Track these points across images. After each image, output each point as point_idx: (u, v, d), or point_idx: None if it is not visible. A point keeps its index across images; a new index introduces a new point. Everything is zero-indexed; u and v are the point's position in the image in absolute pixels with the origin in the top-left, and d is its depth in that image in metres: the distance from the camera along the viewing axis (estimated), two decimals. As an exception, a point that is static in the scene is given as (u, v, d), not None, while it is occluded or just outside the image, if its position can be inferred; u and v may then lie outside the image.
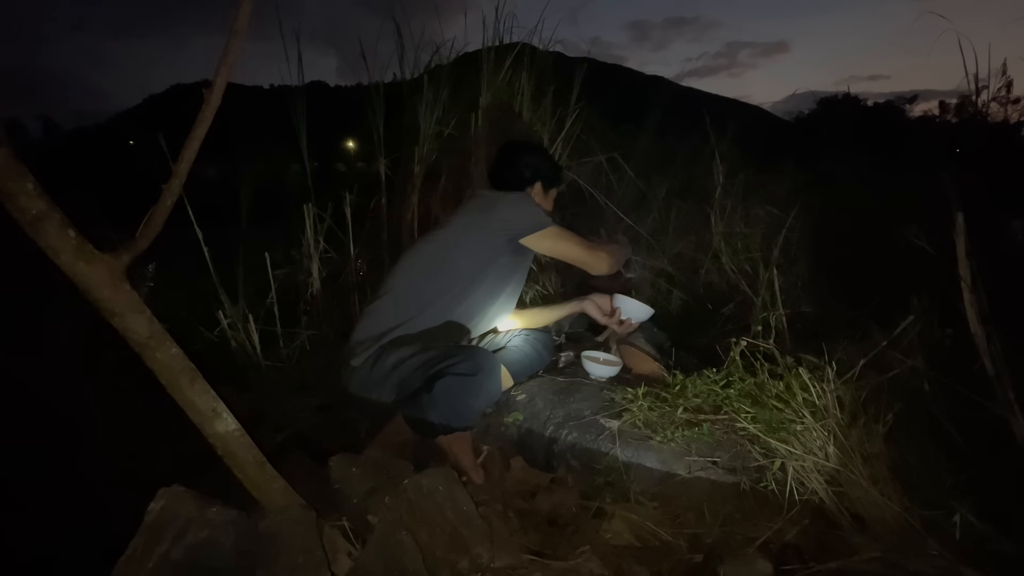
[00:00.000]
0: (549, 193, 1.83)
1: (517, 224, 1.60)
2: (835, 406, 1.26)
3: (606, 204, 2.84)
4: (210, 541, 0.94)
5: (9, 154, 0.75)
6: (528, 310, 1.86)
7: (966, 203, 1.33)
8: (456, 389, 1.37)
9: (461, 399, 1.37)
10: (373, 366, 1.50)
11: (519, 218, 1.60)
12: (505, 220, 1.59)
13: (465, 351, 1.43)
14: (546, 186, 1.80)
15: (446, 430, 1.40)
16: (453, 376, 1.37)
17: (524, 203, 1.63)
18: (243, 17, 0.89)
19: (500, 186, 1.77)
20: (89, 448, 1.54)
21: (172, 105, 37.09)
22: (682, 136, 3.43)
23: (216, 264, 2.14)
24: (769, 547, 1.14)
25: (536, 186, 1.78)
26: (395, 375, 1.47)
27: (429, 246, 1.64)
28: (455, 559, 1.05)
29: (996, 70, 2.25)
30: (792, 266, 2.51)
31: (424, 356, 1.45)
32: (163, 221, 0.92)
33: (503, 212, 1.60)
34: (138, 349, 0.91)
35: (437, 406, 1.37)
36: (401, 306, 1.57)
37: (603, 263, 1.67)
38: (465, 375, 1.37)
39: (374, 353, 1.51)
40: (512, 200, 1.63)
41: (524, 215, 1.61)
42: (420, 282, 1.58)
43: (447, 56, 2.89)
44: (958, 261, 1.32)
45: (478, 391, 1.39)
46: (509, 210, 1.61)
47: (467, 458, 1.47)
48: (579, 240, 1.65)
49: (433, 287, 1.57)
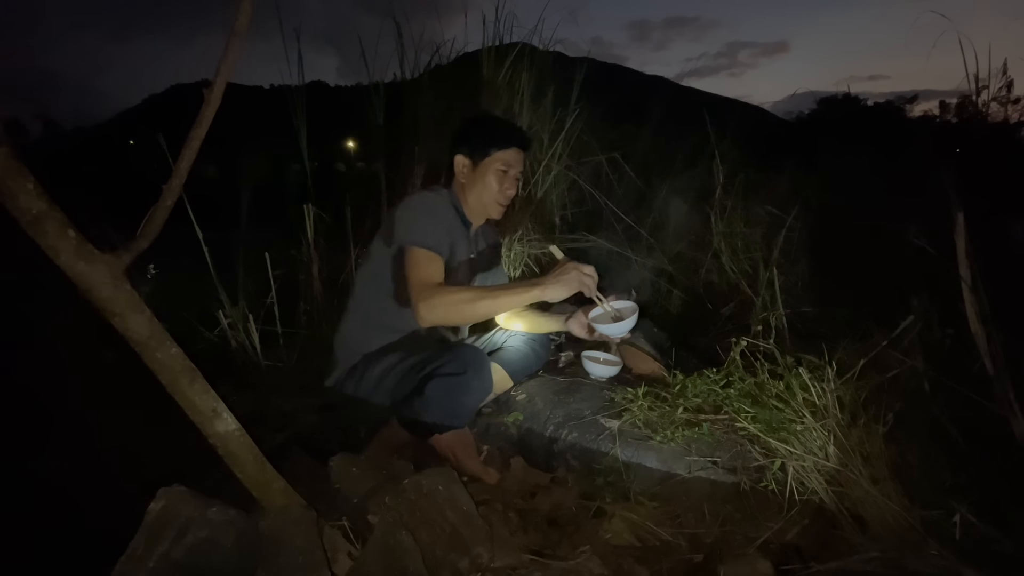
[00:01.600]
0: (481, 164, 1.54)
1: (392, 233, 1.48)
2: (835, 406, 1.26)
3: (606, 204, 2.85)
4: (210, 541, 0.94)
5: (9, 154, 0.75)
6: (529, 313, 1.81)
7: (966, 203, 1.33)
8: (446, 389, 1.37)
9: (452, 398, 1.38)
10: (361, 379, 1.50)
11: (393, 227, 1.48)
12: (392, 227, 1.49)
13: (451, 351, 1.43)
14: (474, 156, 1.54)
15: (441, 430, 1.40)
16: (442, 377, 1.37)
17: (407, 212, 1.48)
18: (243, 17, 0.89)
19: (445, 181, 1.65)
20: (89, 448, 1.54)
21: (172, 105, 37.11)
22: (682, 136, 3.44)
23: (216, 264, 2.15)
24: (769, 547, 1.14)
25: (457, 163, 1.56)
26: (384, 384, 1.48)
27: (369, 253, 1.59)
28: (455, 559, 1.05)
29: (996, 70, 2.25)
30: (792, 266, 2.51)
31: (411, 360, 1.45)
32: (163, 221, 0.92)
33: (396, 215, 1.49)
34: (138, 349, 0.91)
35: (429, 407, 1.38)
36: (360, 319, 1.57)
37: (424, 315, 1.37)
38: (453, 374, 1.37)
39: (360, 364, 1.51)
40: (404, 204, 1.51)
41: (399, 225, 1.47)
42: (371, 294, 1.55)
43: (447, 56, 2.90)
44: (958, 261, 1.32)
45: (468, 388, 1.39)
46: (396, 217, 1.49)
47: (472, 463, 1.43)
48: (422, 276, 1.40)
49: (377, 297, 1.54)
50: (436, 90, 2.68)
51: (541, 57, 2.87)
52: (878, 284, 2.00)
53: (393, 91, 2.75)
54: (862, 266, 2.31)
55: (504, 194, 1.57)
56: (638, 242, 2.81)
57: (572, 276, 1.36)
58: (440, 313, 1.38)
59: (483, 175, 1.54)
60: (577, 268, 1.38)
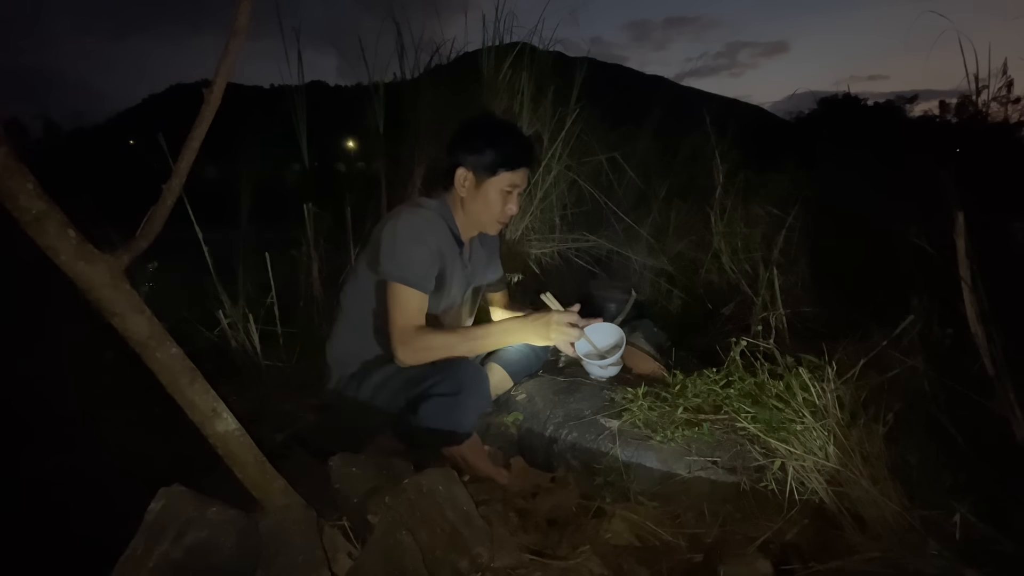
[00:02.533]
0: (486, 182, 1.44)
1: (381, 260, 1.40)
2: (835, 406, 1.26)
3: (606, 204, 2.85)
4: (210, 541, 0.94)
5: (9, 154, 0.75)
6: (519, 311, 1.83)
7: (966, 203, 1.33)
8: (440, 410, 1.34)
9: (448, 419, 1.35)
10: (359, 387, 1.48)
11: (382, 255, 1.39)
12: (377, 252, 1.41)
13: (449, 368, 1.36)
14: (479, 173, 1.44)
15: (438, 447, 1.40)
16: (436, 397, 1.34)
17: (392, 239, 1.38)
18: (243, 17, 0.89)
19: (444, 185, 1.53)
20: (89, 448, 1.54)
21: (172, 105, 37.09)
22: (682, 136, 3.43)
23: (216, 264, 2.14)
24: (769, 547, 1.14)
25: (459, 176, 1.45)
26: (380, 396, 1.45)
27: (357, 265, 1.55)
28: (455, 559, 1.05)
29: (996, 70, 2.25)
30: (792, 266, 2.51)
31: (406, 375, 1.40)
32: (163, 221, 0.92)
33: (382, 240, 1.40)
34: (138, 349, 0.91)
35: (423, 427, 1.36)
36: (350, 329, 1.53)
37: (403, 358, 1.37)
38: (447, 395, 1.33)
39: (359, 372, 1.49)
40: (392, 229, 1.40)
41: (384, 253, 1.39)
42: (359, 303, 1.51)
43: (447, 56, 2.90)
44: (958, 261, 1.32)
45: (464, 409, 1.35)
46: (384, 242, 1.40)
47: (484, 464, 1.41)
48: (404, 317, 1.36)
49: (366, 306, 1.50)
50: (436, 90, 2.68)
51: (541, 57, 2.87)
52: (878, 284, 2.00)
53: (393, 91, 2.75)
54: (862, 266, 2.31)
55: (505, 214, 1.49)
56: (638, 242, 2.81)
57: (554, 331, 1.38)
58: (419, 357, 1.37)
59: (486, 193, 1.45)
60: (560, 325, 1.38)
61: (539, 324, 1.39)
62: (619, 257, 2.79)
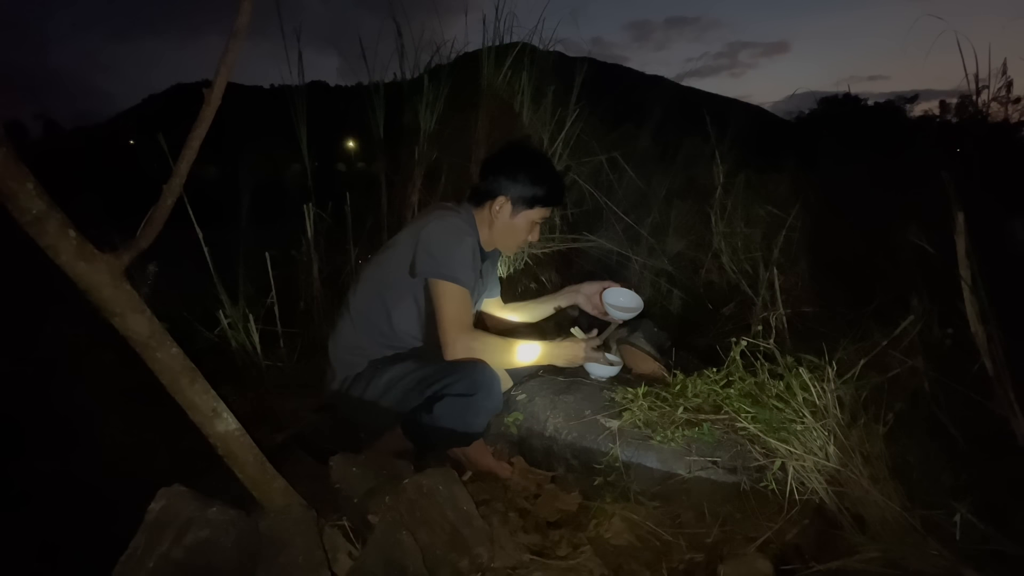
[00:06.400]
0: (521, 213, 1.54)
1: (422, 260, 1.44)
2: (835, 406, 1.26)
3: (606, 204, 2.85)
4: (210, 541, 0.94)
5: (9, 154, 0.75)
6: (523, 304, 1.84)
7: (966, 203, 1.33)
8: (455, 411, 1.35)
9: (463, 420, 1.36)
10: (367, 386, 1.47)
11: (425, 255, 1.43)
12: (415, 249, 1.45)
13: (463, 368, 1.38)
14: (517, 204, 1.53)
15: (448, 447, 1.42)
16: (451, 397, 1.35)
17: (439, 239, 1.44)
18: (243, 17, 0.90)
19: (469, 196, 1.60)
20: (89, 448, 1.54)
21: (172, 105, 37.09)
22: (682, 136, 3.43)
23: (216, 264, 2.14)
24: (769, 547, 1.14)
25: (498, 201, 1.53)
26: (390, 395, 1.45)
27: (376, 267, 1.56)
28: (455, 559, 1.05)
29: (996, 70, 2.24)
30: (792, 266, 2.50)
31: (420, 374, 1.41)
32: (163, 221, 0.92)
33: (422, 241, 1.45)
34: (138, 349, 0.91)
35: (436, 427, 1.36)
36: (360, 329, 1.53)
37: (455, 350, 1.40)
38: (463, 395, 1.34)
39: (367, 371, 1.48)
40: (433, 230, 1.45)
41: (431, 255, 1.43)
42: (374, 304, 1.52)
43: (447, 56, 2.90)
44: (958, 261, 1.32)
45: (477, 410, 1.37)
46: (424, 242, 1.44)
47: (486, 460, 1.46)
48: (458, 314, 1.41)
49: (381, 308, 1.51)
50: (436, 90, 2.68)
51: (541, 57, 2.87)
52: (878, 284, 2.00)
53: (393, 91, 2.75)
54: (862, 266, 2.31)
55: (527, 241, 1.61)
56: (638, 242, 2.81)
57: (583, 357, 1.54)
58: (472, 355, 1.41)
59: (518, 222, 1.54)
60: (588, 352, 1.54)
61: (570, 351, 1.54)
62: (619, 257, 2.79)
